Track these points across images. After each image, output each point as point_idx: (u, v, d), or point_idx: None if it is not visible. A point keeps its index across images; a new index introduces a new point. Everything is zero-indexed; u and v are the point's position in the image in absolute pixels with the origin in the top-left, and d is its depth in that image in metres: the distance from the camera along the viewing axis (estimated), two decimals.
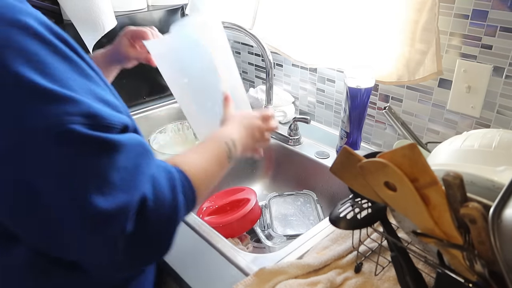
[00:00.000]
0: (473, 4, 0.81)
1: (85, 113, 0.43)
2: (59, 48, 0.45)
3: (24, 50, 0.42)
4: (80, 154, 0.43)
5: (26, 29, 0.42)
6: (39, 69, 0.42)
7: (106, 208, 0.43)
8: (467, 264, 0.49)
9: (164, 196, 0.50)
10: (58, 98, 0.42)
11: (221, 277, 0.70)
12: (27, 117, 0.41)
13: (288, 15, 1.12)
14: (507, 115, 0.84)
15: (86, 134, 0.43)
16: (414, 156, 0.46)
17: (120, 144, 0.46)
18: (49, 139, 0.41)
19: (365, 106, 0.97)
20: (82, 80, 0.46)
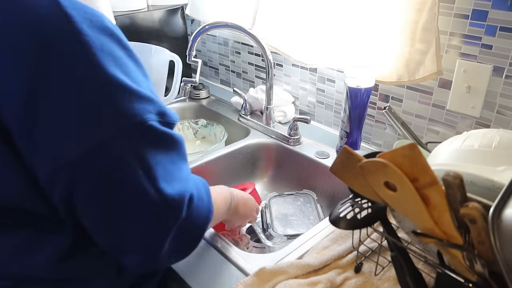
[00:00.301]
0: (473, 4, 0.81)
1: (158, 111, 0.49)
2: (131, 51, 0.50)
3: (112, 54, 0.46)
4: (156, 148, 0.48)
5: (112, 35, 0.48)
6: (123, 71, 0.47)
7: (171, 194, 0.49)
8: (467, 264, 0.49)
9: (203, 197, 0.57)
10: (140, 97, 0.47)
11: (221, 277, 0.70)
12: (122, 114, 0.46)
13: (288, 15, 1.12)
14: (507, 115, 0.84)
15: (161, 130, 0.49)
16: (414, 156, 0.46)
17: (178, 141, 0.53)
18: (135, 134, 0.46)
19: (365, 106, 0.97)
20: (146, 80, 0.51)
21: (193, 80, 1.12)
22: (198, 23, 1.52)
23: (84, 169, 0.45)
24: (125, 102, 0.45)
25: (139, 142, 0.47)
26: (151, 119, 0.47)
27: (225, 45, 1.45)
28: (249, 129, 1.22)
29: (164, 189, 0.48)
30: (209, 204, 0.58)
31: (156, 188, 0.48)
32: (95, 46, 0.44)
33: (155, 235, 0.51)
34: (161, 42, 1.38)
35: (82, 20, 0.45)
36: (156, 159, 0.48)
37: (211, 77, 1.59)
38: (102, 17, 0.48)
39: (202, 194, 0.57)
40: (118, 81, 0.45)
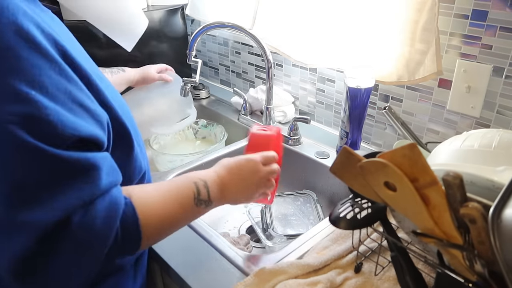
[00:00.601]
0: (473, 4, 0.81)
1: (33, 116, 0.42)
2: (41, 46, 0.45)
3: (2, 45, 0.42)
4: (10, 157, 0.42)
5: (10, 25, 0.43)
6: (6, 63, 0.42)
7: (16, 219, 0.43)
8: (467, 264, 0.49)
9: (94, 226, 0.47)
10: (10, 93, 0.42)
11: (221, 277, 0.70)
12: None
13: (288, 15, 1.12)
14: (507, 115, 0.84)
15: (24, 139, 0.42)
16: (414, 156, 0.46)
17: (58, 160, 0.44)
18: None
19: (365, 106, 0.97)
20: (59, 79, 0.46)
21: (193, 80, 1.12)
22: (198, 23, 1.52)
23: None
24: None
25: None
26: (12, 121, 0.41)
27: (225, 45, 1.45)
28: (249, 129, 1.22)
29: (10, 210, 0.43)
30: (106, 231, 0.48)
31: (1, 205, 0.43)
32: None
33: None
34: (161, 42, 1.38)
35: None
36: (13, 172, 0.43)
37: (211, 77, 1.59)
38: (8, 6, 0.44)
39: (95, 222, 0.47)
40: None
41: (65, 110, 0.45)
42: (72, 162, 0.46)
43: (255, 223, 0.97)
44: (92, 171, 0.48)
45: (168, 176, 0.99)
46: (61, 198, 0.45)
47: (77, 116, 0.47)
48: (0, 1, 0.44)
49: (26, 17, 0.45)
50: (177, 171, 1.01)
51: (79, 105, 0.47)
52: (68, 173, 0.46)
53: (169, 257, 0.74)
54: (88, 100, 0.49)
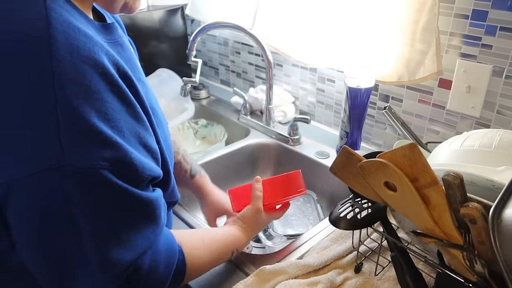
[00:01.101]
0: (473, 4, 0.81)
1: (120, 161, 0.45)
2: (121, 88, 0.46)
3: (88, 87, 0.43)
4: (101, 199, 0.45)
5: (96, 67, 0.44)
6: (96, 107, 0.43)
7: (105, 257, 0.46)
8: (467, 264, 0.49)
9: (158, 270, 0.52)
10: (102, 140, 0.43)
11: (221, 277, 0.70)
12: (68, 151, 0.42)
13: (288, 15, 1.12)
14: (507, 115, 0.84)
15: (114, 182, 0.44)
16: (414, 156, 0.46)
17: (139, 201, 0.48)
18: (79, 177, 0.43)
19: (365, 106, 0.97)
20: (132, 122, 0.48)
21: (193, 80, 1.12)
22: (198, 23, 1.52)
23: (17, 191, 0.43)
24: (77, 139, 0.42)
25: (83, 186, 0.43)
26: (102, 166, 0.43)
27: (225, 45, 1.45)
28: (249, 129, 1.22)
29: (100, 249, 0.45)
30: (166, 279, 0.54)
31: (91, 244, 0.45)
32: (67, 76, 0.42)
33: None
34: (161, 42, 1.38)
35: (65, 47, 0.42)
36: (102, 213, 0.45)
37: (211, 77, 1.59)
38: (94, 48, 0.44)
39: (158, 268, 0.52)
40: (80, 115, 0.42)
41: (137, 152, 0.48)
42: (149, 201, 0.50)
43: None
44: (157, 210, 0.52)
45: None
46: (140, 237, 0.49)
47: (145, 157, 0.49)
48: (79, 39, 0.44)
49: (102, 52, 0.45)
50: None
51: (144, 146, 0.49)
52: (145, 212, 0.50)
53: None
54: (150, 139, 0.51)
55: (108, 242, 0.46)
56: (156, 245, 0.52)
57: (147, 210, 0.50)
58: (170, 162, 0.59)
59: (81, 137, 0.42)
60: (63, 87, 0.41)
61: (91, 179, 0.43)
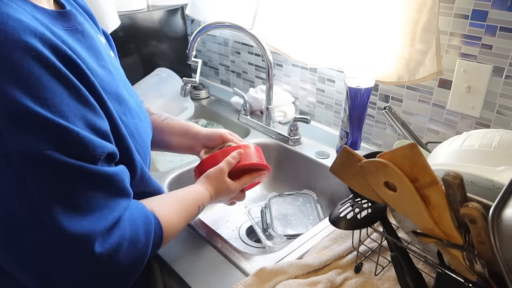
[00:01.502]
0: (473, 4, 0.81)
1: (67, 141, 0.45)
2: (61, 72, 0.46)
3: (20, 71, 0.42)
4: (53, 179, 0.45)
5: (28, 50, 0.43)
6: (31, 91, 0.43)
7: (70, 230, 0.45)
8: (467, 264, 0.49)
9: (138, 239, 0.54)
10: (43, 123, 0.43)
11: (221, 277, 0.70)
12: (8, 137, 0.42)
13: (288, 15, 1.12)
14: (507, 115, 0.84)
15: (63, 160, 0.45)
16: (414, 156, 0.46)
17: (97, 176, 0.49)
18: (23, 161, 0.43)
19: (365, 106, 0.97)
20: (76, 105, 0.47)
21: (193, 80, 1.12)
22: (198, 23, 1.52)
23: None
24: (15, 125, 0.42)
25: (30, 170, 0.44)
26: (47, 147, 0.44)
27: (225, 45, 1.45)
28: (249, 129, 1.22)
29: (63, 224, 0.45)
30: (147, 246, 0.55)
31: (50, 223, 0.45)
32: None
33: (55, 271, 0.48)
34: (161, 42, 1.38)
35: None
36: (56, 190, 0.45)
37: (211, 77, 1.59)
38: (24, 32, 0.44)
39: (138, 236, 0.54)
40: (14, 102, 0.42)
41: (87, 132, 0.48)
42: (108, 175, 0.50)
43: (255, 223, 0.97)
44: (120, 183, 0.53)
45: (168, 176, 0.99)
46: (106, 209, 0.50)
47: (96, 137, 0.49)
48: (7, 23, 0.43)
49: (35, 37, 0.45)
50: (177, 171, 1.01)
51: (92, 128, 0.49)
52: (106, 186, 0.51)
53: (169, 257, 0.74)
54: (101, 122, 0.51)
55: (72, 219, 0.46)
56: (131, 216, 0.54)
57: (108, 184, 0.51)
58: (138, 152, 0.60)
59: (18, 123, 0.42)
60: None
61: (38, 161, 0.44)
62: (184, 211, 0.67)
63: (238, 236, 1.00)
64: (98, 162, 0.49)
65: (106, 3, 1.04)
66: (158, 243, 0.59)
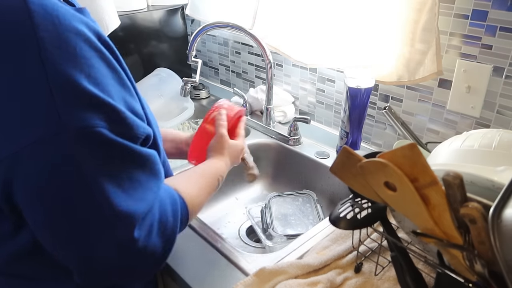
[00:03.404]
0: (473, 4, 0.81)
1: (115, 120, 0.47)
2: (105, 55, 0.49)
3: (75, 53, 0.45)
4: (103, 157, 0.47)
5: (79, 34, 0.46)
6: (85, 72, 0.45)
7: (119, 210, 0.47)
8: (467, 264, 0.49)
9: (167, 219, 0.55)
10: (96, 102, 0.45)
11: (221, 277, 0.70)
12: (65, 115, 0.44)
13: (288, 15, 1.12)
14: (507, 115, 0.84)
15: (113, 139, 0.46)
16: (414, 156, 0.46)
17: (139, 156, 0.50)
18: (79, 138, 0.45)
19: (365, 106, 0.97)
20: (118, 87, 0.50)
21: (193, 80, 1.12)
22: (198, 23, 1.52)
23: (22, 164, 0.44)
24: (71, 103, 0.44)
25: (85, 147, 0.45)
26: (99, 125, 0.45)
27: (225, 45, 1.45)
28: (249, 129, 1.22)
29: (113, 203, 0.47)
30: (175, 225, 0.56)
31: (104, 200, 0.46)
32: (52, 44, 0.43)
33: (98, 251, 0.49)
34: (161, 42, 1.38)
35: (46, 16, 0.44)
36: (108, 169, 0.47)
37: (211, 77, 1.59)
38: (73, 18, 0.46)
39: (167, 216, 0.55)
40: (70, 81, 0.44)
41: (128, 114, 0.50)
42: (148, 156, 0.52)
43: (255, 223, 0.97)
44: (157, 165, 0.55)
45: None
46: (147, 190, 0.52)
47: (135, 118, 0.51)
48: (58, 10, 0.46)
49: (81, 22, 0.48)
50: (177, 171, 1.01)
51: (131, 111, 0.51)
52: (147, 166, 0.52)
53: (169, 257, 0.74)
54: (137, 105, 0.53)
55: (120, 196, 0.48)
56: (160, 197, 0.55)
57: (148, 164, 0.52)
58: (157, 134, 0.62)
59: (75, 101, 0.44)
60: (51, 55, 0.43)
61: (91, 138, 0.45)
62: (205, 186, 0.68)
63: (238, 236, 1.00)
64: (138, 143, 0.51)
65: (106, 3, 1.04)
66: (185, 221, 0.60)
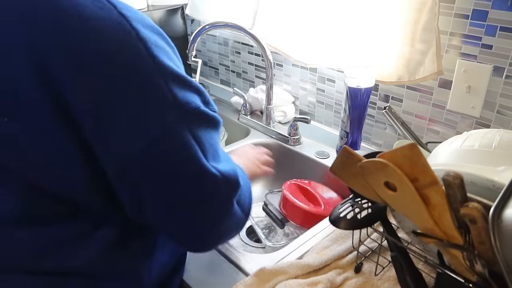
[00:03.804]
0: (473, 4, 0.81)
1: (205, 99, 0.53)
2: (173, 46, 0.54)
3: (163, 49, 0.50)
4: (207, 130, 0.53)
5: (156, 32, 0.51)
6: (175, 64, 0.50)
7: (227, 171, 0.53)
8: (467, 264, 0.49)
9: (247, 182, 0.62)
10: (191, 87, 0.51)
11: (221, 277, 0.70)
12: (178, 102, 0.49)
13: (288, 15, 1.12)
14: (507, 115, 0.84)
15: (211, 114, 0.53)
16: (414, 156, 0.46)
17: (220, 124, 0.57)
18: (192, 118, 0.50)
19: (365, 106, 0.97)
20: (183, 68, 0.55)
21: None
22: (198, 23, 1.52)
23: (151, 157, 0.48)
24: (181, 91, 0.49)
25: (196, 126, 0.51)
26: (200, 105, 0.52)
27: (225, 45, 1.45)
28: (249, 129, 1.22)
29: (219, 167, 0.52)
30: (248, 178, 0.63)
31: (214, 166, 0.52)
32: (151, 42, 0.48)
33: (218, 212, 0.54)
34: None
35: (136, 20, 0.48)
36: (209, 141, 0.53)
37: (211, 77, 1.59)
38: (146, 16, 0.51)
39: (246, 180, 0.62)
40: (174, 73, 0.49)
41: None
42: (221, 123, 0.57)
43: (255, 223, 0.97)
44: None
45: None
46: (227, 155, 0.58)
47: None
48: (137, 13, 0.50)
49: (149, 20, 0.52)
50: None
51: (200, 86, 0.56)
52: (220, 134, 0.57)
53: None
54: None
55: (219, 161, 0.54)
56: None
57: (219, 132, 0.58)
58: None
59: (184, 89, 0.50)
60: (153, 52, 0.48)
61: (201, 117, 0.51)
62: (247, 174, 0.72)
63: (238, 236, 1.00)
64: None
65: None
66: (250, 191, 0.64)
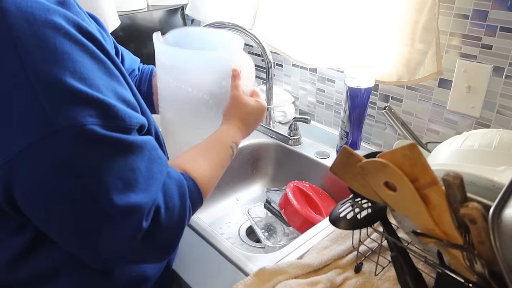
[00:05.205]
0: (473, 4, 0.81)
1: (105, 115, 0.45)
2: (88, 47, 0.47)
3: (55, 49, 0.43)
4: (98, 153, 0.45)
5: (57, 29, 0.44)
6: (68, 68, 0.44)
7: (121, 205, 0.46)
8: (467, 264, 0.49)
9: (174, 203, 0.52)
10: (83, 99, 0.44)
11: (221, 277, 0.70)
12: (53, 115, 0.42)
13: (288, 15, 1.12)
14: (507, 115, 0.84)
15: (106, 134, 0.45)
16: (414, 156, 0.46)
17: (135, 146, 0.49)
18: (71, 138, 0.43)
19: (365, 106, 0.97)
20: (107, 78, 0.48)
21: None
22: (198, 23, 1.51)
23: (19, 169, 0.43)
24: (58, 103, 0.43)
25: (78, 146, 0.44)
26: (90, 122, 0.44)
27: None
28: None
29: (114, 199, 0.45)
30: (183, 208, 0.54)
31: (104, 197, 0.45)
32: (29, 43, 0.42)
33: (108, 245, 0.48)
34: None
35: (19, 15, 0.42)
36: (104, 165, 0.46)
37: None
38: (47, 9, 0.45)
39: (174, 200, 0.53)
40: (54, 79, 0.42)
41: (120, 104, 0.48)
42: (145, 144, 0.51)
43: (254, 223, 0.97)
44: (156, 151, 0.53)
45: None
46: (151, 179, 0.50)
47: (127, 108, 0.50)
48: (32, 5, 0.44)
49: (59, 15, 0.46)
50: None
51: (123, 100, 0.49)
52: (146, 155, 0.50)
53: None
54: (127, 94, 0.51)
55: (121, 190, 0.46)
56: (166, 184, 0.53)
57: (146, 152, 0.51)
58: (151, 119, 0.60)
59: (62, 100, 0.43)
60: (30, 55, 0.42)
61: (84, 136, 0.44)
62: (216, 158, 0.65)
63: (238, 236, 1.00)
64: (132, 133, 0.50)
65: (106, 3, 1.04)
66: (197, 201, 0.58)
